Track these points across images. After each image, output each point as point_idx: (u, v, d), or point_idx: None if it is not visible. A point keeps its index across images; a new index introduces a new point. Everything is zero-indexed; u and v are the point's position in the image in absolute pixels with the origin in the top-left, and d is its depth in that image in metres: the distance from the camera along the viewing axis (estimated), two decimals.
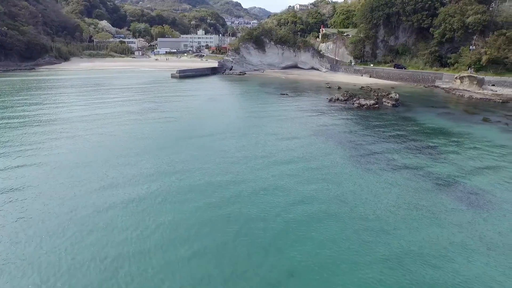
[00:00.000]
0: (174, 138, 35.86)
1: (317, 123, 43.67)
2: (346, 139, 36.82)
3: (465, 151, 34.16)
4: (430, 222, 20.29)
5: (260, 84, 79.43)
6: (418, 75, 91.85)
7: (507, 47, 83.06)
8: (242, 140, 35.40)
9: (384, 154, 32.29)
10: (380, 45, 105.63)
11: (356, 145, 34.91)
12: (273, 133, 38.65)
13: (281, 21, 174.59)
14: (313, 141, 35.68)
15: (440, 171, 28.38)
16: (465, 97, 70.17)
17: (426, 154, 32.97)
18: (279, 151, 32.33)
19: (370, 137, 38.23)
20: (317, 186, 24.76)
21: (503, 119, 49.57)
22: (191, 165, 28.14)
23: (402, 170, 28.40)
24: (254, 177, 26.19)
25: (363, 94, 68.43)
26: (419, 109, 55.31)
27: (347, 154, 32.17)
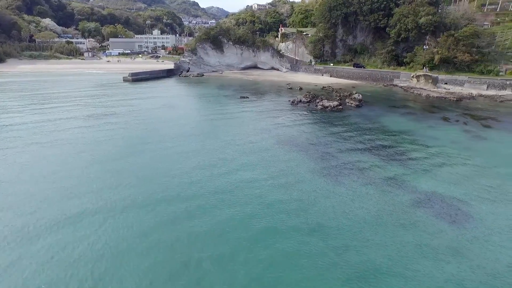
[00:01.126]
0: (118, 149, 30.96)
1: (280, 129, 40.64)
2: (312, 147, 34.02)
3: (433, 157, 32.64)
4: (399, 237, 17.75)
5: (219, 87, 75.34)
6: (377, 74, 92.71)
7: (456, 47, 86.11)
8: (196, 152, 31.35)
9: (354, 163, 29.80)
10: (339, 44, 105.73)
11: (323, 154, 32.18)
12: (233, 142, 35.02)
13: (240, 20, 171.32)
14: (277, 151, 32.47)
15: (410, 180, 26.35)
16: (422, 96, 71.02)
17: (395, 160, 30.99)
18: (238, 164, 28.74)
19: (337, 143, 35.80)
20: (280, 203, 21.49)
21: (460, 118, 49.81)
22: (132, 180, 23.79)
23: (373, 181, 25.97)
24: (206, 194, 22.48)
25: (326, 95, 66.82)
26: (382, 110, 54.38)
27: (314, 165, 29.25)
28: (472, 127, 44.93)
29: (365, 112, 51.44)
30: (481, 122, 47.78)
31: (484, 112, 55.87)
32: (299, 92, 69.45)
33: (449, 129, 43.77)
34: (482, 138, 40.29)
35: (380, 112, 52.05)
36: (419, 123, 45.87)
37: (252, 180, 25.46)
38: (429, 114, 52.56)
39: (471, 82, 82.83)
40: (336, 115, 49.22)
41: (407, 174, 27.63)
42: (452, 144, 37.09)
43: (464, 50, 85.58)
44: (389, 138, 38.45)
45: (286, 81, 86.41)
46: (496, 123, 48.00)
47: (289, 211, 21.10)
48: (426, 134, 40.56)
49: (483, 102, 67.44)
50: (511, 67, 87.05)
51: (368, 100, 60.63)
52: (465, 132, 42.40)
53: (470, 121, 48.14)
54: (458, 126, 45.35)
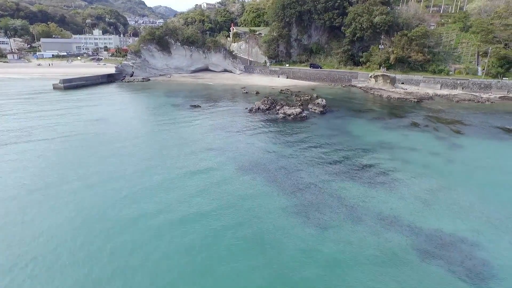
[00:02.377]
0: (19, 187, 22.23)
1: (238, 148, 33.95)
2: (280, 173, 27.73)
3: (421, 177, 28.02)
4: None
5: (167, 93, 66.65)
6: (335, 74, 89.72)
7: (409, 47, 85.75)
8: (131, 186, 23.63)
9: (335, 194, 24.03)
10: (294, 44, 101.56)
11: (295, 183, 26.04)
12: (181, 169, 27.74)
13: (188, 20, 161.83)
14: (237, 183, 25.74)
15: (405, 215, 21.11)
16: (384, 97, 68.56)
17: (381, 186, 25.81)
18: (186, 200, 21.66)
19: (308, 164, 29.92)
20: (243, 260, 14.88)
21: (429, 123, 47.00)
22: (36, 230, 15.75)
23: (363, 219, 20.31)
24: (143, 251, 15.28)
25: (285, 100, 61.35)
26: (349, 116, 49.99)
27: (287, 202, 22.97)
28: (444, 133, 41.89)
29: (331, 120, 46.53)
30: (450, 127, 45.09)
31: (447, 114, 53.98)
32: (256, 97, 63.31)
33: (423, 137, 40.21)
34: (458, 147, 37.10)
35: (348, 119, 47.53)
36: (391, 131, 41.84)
37: (206, 244, 18.47)
38: (396, 119, 49.11)
39: (426, 81, 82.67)
40: (301, 125, 43.64)
41: (401, 208, 22.40)
42: (433, 156, 33.20)
43: (417, 49, 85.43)
44: (365, 153, 33.49)
45: (241, 85, 79.94)
46: (463, 127, 45.63)
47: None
48: (403, 145, 36.42)
49: (442, 102, 66.44)
50: (458, 67, 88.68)
51: (331, 105, 56.13)
52: (439, 140, 39.01)
53: (439, 126, 45.26)
54: (430, 132, 42.05)
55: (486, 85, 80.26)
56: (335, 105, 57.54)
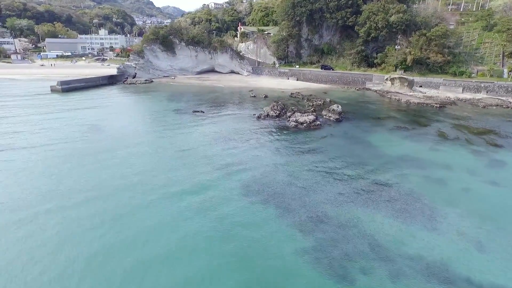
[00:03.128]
0: None
1: (243, 162, 29.47)
2: (296, 200, 23.16)
3: (452, 200, 23.20)
4: None
5: (169, 97, 62.41)
6: (348, 76, 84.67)
7: (428, 48, 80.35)
8: (108, 209, 19.27)
9: (367, 237, 19.35)
10: (305, 44, 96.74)
11: (310, 210, 21.48)
12: (171, 187, 23.40)
13: (195, 19, 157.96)
14: (243, 213, 21.23)
15: (458, 264, 16.34)
16: (402, 102, 63.38)
17: (409, 212, 21.03)
18: (173, 230, 17.20)
19: (324, 186, 25.30)
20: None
21: (458, 133, 41.86)
22: None
23: (404, 272, 15.61)
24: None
25: (296, 104, 56.67)
26: (367, 124, 45.11)
27: (301, 238, 18.42)
28: (478, 146, 36.78)
29: (348, 129, 41.69)
30: (483, 138, 39.94)
31: (476, 122, 48.72)
32: (264, 102, 58.79)
33: (455, 150, 35.20)
34: (500, 164, 32.04)
35: (367, 129, 42.64)
36: (417, 144, 36.86)
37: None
38: (420, 128, 44.06)
39: (446, 84, 77.15)
40: (315, 135, 38.92)
41: (451, 255, 17.65)
42: (473, 177, 28.30)
43: (436, 50, 79.96)
44: (392, 172, 28.70)
45: (249, 87, 75.43)
46: (499, 139, 40.43)
47: None
48: (434, 162, 31.47)
49: (466, 108, 61.00)
50: (481, 69, 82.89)
51: (346, 110, 51.27)
52: (475, 155, 33.98)
53: (471, 138, 40.12)
54: (463, 145, 36.99)
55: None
56: (351, 111, 52.66)
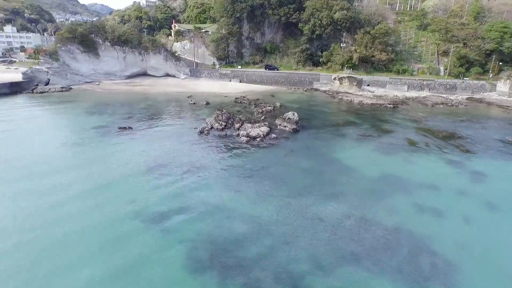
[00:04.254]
0: None
1: (189, 215, 21.21)
2: (265, 269, 15.66)
3: (459, 241, 17.87)
4: None
5: (90, 109, 50.55)
6: (294, 77, 79.69)
7: (372, 45, 78.84)
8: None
9: None
10: (246, 43, 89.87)
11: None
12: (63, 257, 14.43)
13: (125, 18, 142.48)
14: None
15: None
16: (355, 103, 59.71)
17: (416, 268, 14.95)
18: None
19: (298, 238, 18.26)
20: None
21: (426, 140, 38.25)
22: None
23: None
24: None
25: (243, 112, 49.32)
26: (328, 133, 39.40)
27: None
28: (452, 154, 33.12)
29: (310, 143, 35.40)
30: (452, 144, 36.70)
31: (434, 124, 46.30)
32: (206, 110, 50.48)
33: (432, 163, 30.92)
34: (482, 176, 28.38)
35: (329, 139, 36.84)
36: (391, 157, 31.86)
37: None
38: (385, 134, 39.64)
39: (392, 83, 76.11)
40: (274, 153, 31.89)
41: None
42: (465, 199, 24.29)
43: (380, 48, 78.67)
44: (381, 205, 22.85)
45: (187, 92, 66.18)
46: (465, 143, 37.66)
47: None
48: (415, 180, 26.64)
49: (418, 107, 59.40)
50: (421, 66, 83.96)
51: (301, 117, 45.26)
52: (456, 167, 29.98)
53: (440, 144, 36.57)
54: (437, 154, 33.00)
55: (451, 85, 75.83)
56: (305, 117, 46.80)
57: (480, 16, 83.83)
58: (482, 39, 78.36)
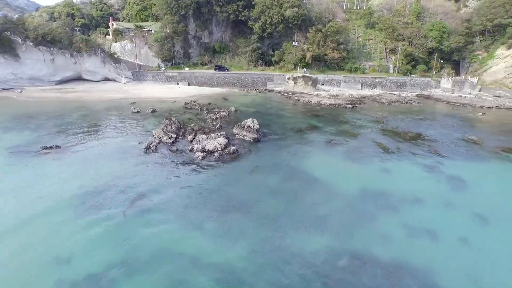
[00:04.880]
0: None
1: (130, 263, 15.87)
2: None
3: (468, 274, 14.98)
4: None
5: (5, 123, 41.17)
6: (246, 77, 75.62)
7: (324, 44, 77.66)
8: None
9: None
10: (193, 42, 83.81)
11: None
12: None
13: (55, 14, 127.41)
14: None
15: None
16: (313, 104, 57.22)
17: None
18: None
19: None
20: None
21: (395, 143, 36.42)
22: None
23: None
24: None
25: (195, 119, 43.97)
26: (291, 141, 35.72)
27: None
28: (424, 158, 31.36)
29: (275, 155, 31.37)
30: (421, 146, 35.24)
31: (397, 124, 45.19)
32: (152, 119, 44.27)
33: (408, 169, 28.67)
34: (459, 182, 26.81)
35: (295, 150, 33.10)
36: (363, 166, 29.06)
37: None
38: (352, 139, 37.02)
39: (346, 81, 75.44)
40: (236, 172, 27.31)
41: None
42: (452, 210, 21.76)
43: (332, 46, 77.72)
44: (372, 234, 19.47)
45: (129, 98, 58.75)
46: (432, 143, 36.50)
47: None
48: (399, 195, 23.88)
49: (375, 106, 58.64)
50: (372, 65, 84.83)
51: (260, 123, 41.27)
52: (432, 173, 28.07)
53: (410, 147, 34.87)
54: (411, 159, 30.96)
55: (401, 83, 77.21)
56: (264, 122, 42.77)
57: (422, 16, 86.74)
58: (425, 38, 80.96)
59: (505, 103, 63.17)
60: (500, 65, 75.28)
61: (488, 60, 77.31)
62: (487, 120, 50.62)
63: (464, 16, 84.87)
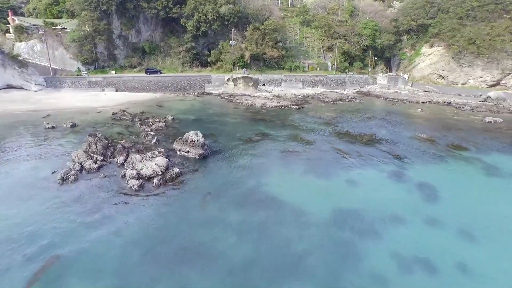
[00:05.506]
0: None
1: None
2: None
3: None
4: None
5: None
6: (182, 80, 69.10)
7: (263, 42, 74.71)
8: None
9: None
10: (119, 42, 74.49)
11: None
12: None
13: None
14: None
15: None
16: (258, 107, 53.53)
17: None
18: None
19: None
20: None
21: (354, 147, 34.07)
22: None
23: None
24: None
25: (126, 134, 37.03)
26: (242, 154, 31.21)
27: None
28: (388, 165, 29.30)
29: (226, 174, 26.59)
30: (380, 149, 33.33)
31: (347, 124, 43.50)
32: (72, 136, 36.25)
33: (375, 179, 26.15)
34: (430, 189, 24.76)
35: (248, 164, 28.69)
36: (329, 180, 25.83)
37: None
38: (309, 147, 33.85)
39: (287, 81, 73.32)
40: (183, 203, 21.97)
41: None
42: (437, 231, 19.40)
43: (271, 45, 75.03)
44: (351, 268, 15.90)
45: (42, 110, 48.69)
46: (389, 145, 34.97)
47: None
48: (377, 214, 21.03)
49: (321, 106, 57.03)
50: (311, 63, 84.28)
51: (203, 132, 36.14)
52: (400, 181, 25.91)
53: (369, 151, 32.75)
54: (374, 166, 28.68)
55: (341, 80, 77.57)
56: (208, 132, 37.69)
57: (354, 14, 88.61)
58: (359, 36, 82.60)
59: (435, 98, 66.54)
60: (426, 62, 79.87)
61: (416, 57, 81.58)
62: (426, 116, 51.87)
63: (390, 15, 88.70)
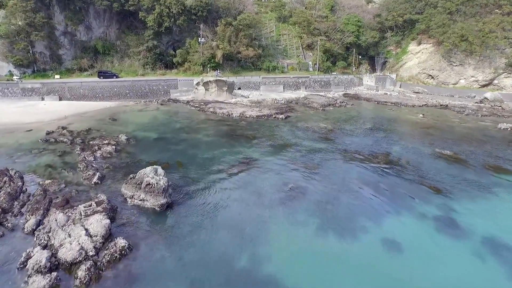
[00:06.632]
0: None
1: None
2: None
3: None
4: None
5: None
6: (143, 86, 58.07)
7: (237, 40, 65.27)
8: None
9: None
10: (64, 40, 62.10)
11: None
12: None
13: None
14: None
15: None
16: (235, 118, 44.19)
17: None
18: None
19: None
20: None
21: (375, 178, 25.50)
22: None
23: None
24: None
25: (58, 165, 26.18)
26: (219, 194, 21.60)
27: None
28: (429, 205, 20.79)
29: (200, 241, 16.86)
30: (406, 178, 24.91)
31: (350, 139, 35.21)
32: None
33: (422, 236, 17.48)
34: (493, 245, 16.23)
35: (234, 217, 19.16)
36: (358, 243, 16.87)
37: None
38: (315, 177, 24.86)
39: (266, 83, 64.29)
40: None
41: None
42: None
43: (246, 43, 65.73)
44: None
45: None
46: (417, 171, 26.69)
47: None
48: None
49: (309, 114, 48.75)
50: (291, 62, 76.02)
51: (166, 161, 26.27)
52: (464, 238, 17.38)
53: (395, 182, 24.33)
54: (410, 210, 20.08)
55: (325, 82, 69.71)
56: (173, 158, 27.91)
57: (335, 9, 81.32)
58: (342, 32, 75.31)
59: (430, 101, 60.41)
60: (414, 60, 73.96)
61: (403, 56, 75.54)
62: (431, 124, 44.72)
63: (373, 11, 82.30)
